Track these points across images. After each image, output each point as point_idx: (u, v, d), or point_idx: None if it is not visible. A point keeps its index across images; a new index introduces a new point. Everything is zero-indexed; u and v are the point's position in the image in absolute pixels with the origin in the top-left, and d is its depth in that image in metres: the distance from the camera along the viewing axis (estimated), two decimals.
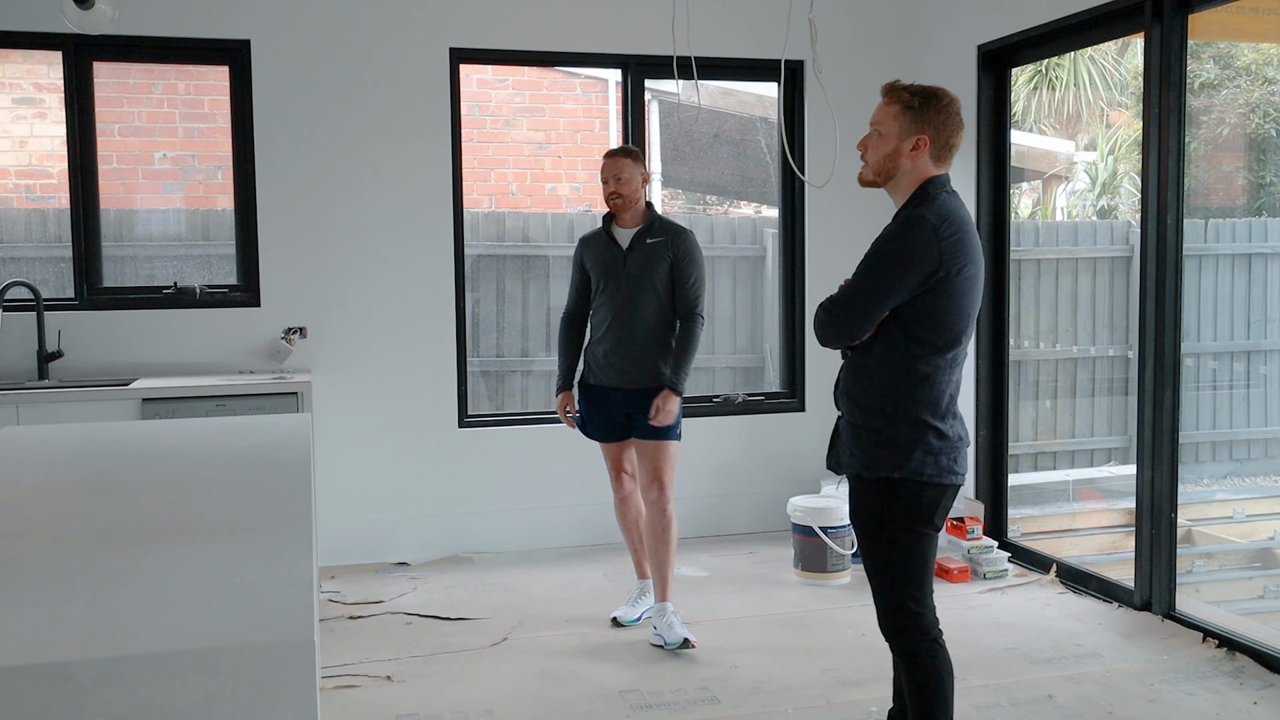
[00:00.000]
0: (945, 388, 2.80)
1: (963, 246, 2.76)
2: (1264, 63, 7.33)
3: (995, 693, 3.74)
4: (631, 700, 3.73)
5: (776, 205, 6.13)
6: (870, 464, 2.82)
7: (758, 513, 5.87)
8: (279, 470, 2.58)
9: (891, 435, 2.78)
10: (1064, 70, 7.72)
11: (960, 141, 2.89)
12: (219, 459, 2.77)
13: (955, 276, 2.74)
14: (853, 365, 2.91)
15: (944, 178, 2.87)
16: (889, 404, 2.79)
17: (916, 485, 2.78)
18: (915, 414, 2.77)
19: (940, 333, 2.76)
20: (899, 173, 2.89)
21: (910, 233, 2.76)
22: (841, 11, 5.80)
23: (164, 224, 5.71)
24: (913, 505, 2.79)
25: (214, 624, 1.49)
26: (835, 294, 2.88)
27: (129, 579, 1.72)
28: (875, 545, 2.87)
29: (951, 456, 2.80)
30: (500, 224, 6.37)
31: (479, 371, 6.20)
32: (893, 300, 2.75)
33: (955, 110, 2.88)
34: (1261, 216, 7.19)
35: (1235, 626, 4.15)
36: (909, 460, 2.77)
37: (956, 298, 2.76)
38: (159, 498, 2.35)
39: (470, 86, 6.51)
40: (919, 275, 2.72)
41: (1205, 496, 6.30)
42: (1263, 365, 6.92)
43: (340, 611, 4.67)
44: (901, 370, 2.78)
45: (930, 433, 2.77)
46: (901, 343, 2.77)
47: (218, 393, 4.72)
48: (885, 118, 2.89)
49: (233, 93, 5.23)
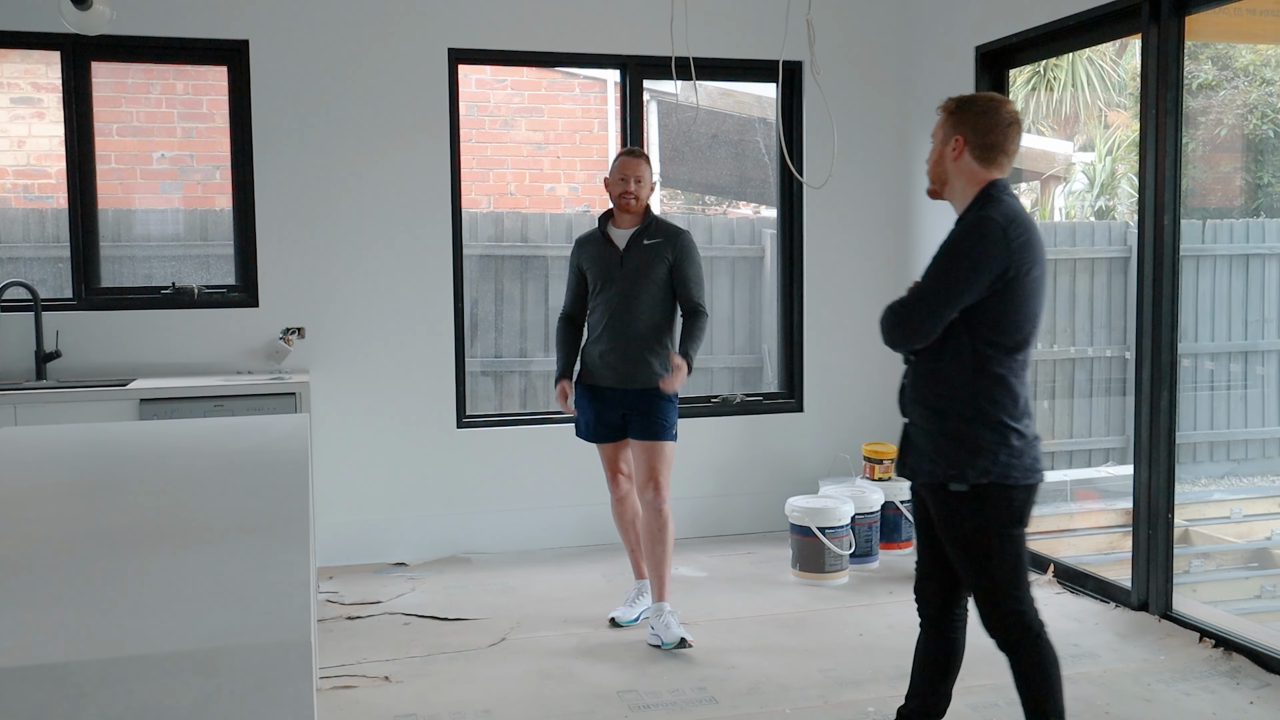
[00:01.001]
0: (1020, 389, 2.82)
1: (1030, 247, 2.77)
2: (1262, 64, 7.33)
3: (993, 692, 3.75)
4: (629, 700, 3.74)
5: (775, 206, 6.14)
6: (956, 472, 2.80)
7: (756, 513, 5.87)
8: (277, 471, 2.58)
9: (974, 439, 2.78)
10: (1062, 71, 7.72)
11: (1008, 144, 2.87)
12: (217, 459, 2.77)
13: (1024, 277, 2.76)
14: (921, 370, 2.89)
15: (1003, 182, 2.88)
16: (967, 407, 2.79)
17: (1006, 489, 2.79)
18: (996, 416, 2.77)
19: (1009, 334, 2.78)
20: (949, 177, 2.92)
21: (980, 234, 2.76)
22: (839, 13, 5.81)
23: (162, 224, 5.71)
24: (1005, 509, 2.80)
25: (211, 625, 1.50)
26: (904, 297, 2.87)
27: (127, 580, 1.72)
28: (971, 553, 2.86)
29: (1033, 455, 2.82)
30: (499, 224, 6.38)
31: (478, 372, 6.21)
32: (962, 301, 2.76)
33: (996, 111, 2.87)
34: (1259, 217, 7.20)
35: (1232, 626, 4.16)
36: (995, 464, 2.77)
37: (1025, 298, 2.77)
38: (157, 498, 2.35)
39: (469, 87, 6.52)
40: (989, 276, 2.73)
41: (1202, 497, 6.30)
42: (1260, 366, 6.93)
43: (338, 612, 4.67)
44: (975, 372, 2.78)
45: (1012, 434, 2.78)
46: (970, 345, 2.78)
47: (216, 393, 4.72)
48: (935, 128, 2.96)
49: (231, 93, 5.24)
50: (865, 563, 5.26)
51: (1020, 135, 2.90)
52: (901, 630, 4.40)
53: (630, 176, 4.28)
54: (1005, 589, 2.84)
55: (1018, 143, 2.89)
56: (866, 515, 5.26)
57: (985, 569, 2.84)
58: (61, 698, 1.34)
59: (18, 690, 1.33)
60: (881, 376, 6.04)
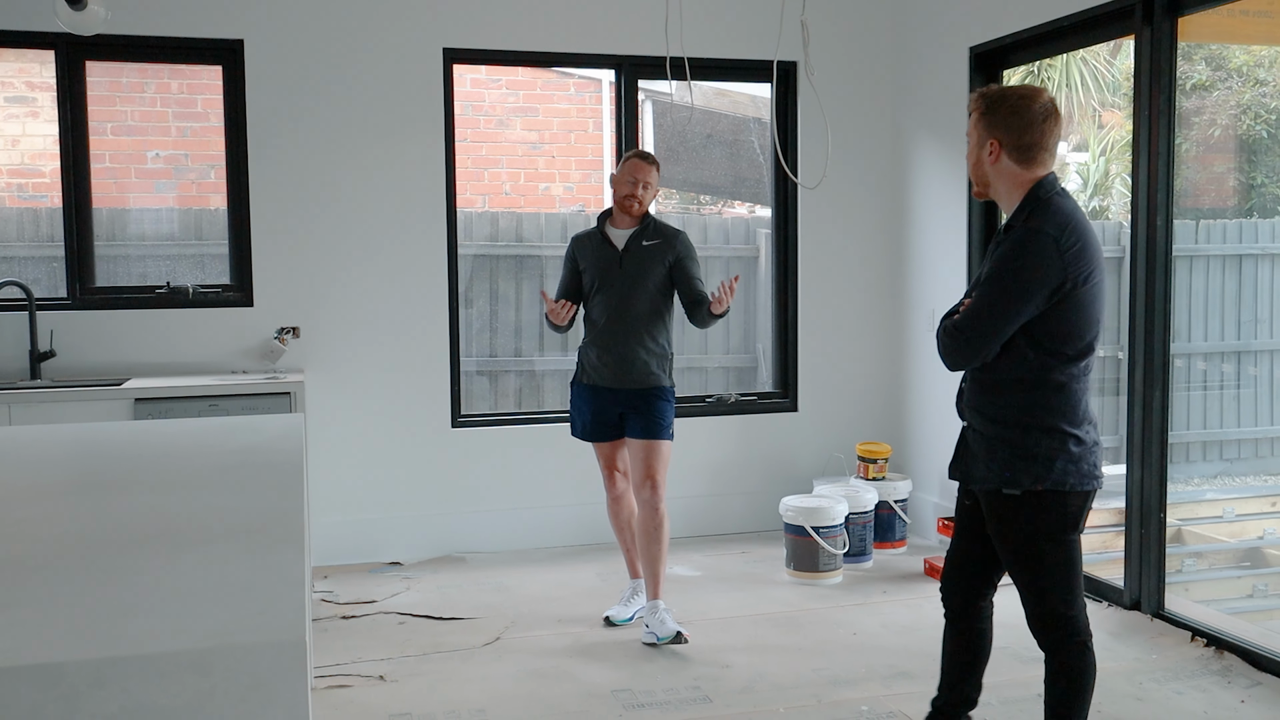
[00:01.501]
0: (1081, 395, 2.78)
1: (1085, 254, 2.70)
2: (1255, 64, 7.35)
3: (986, 691, 3.74)
4: (623, 700, 3.74)
5: (769, 205, 6.14)
6: (1011, 478, 2.78)
7: (750, 512, 5.88)
8: (271, 470, 2.58)
9: (1030, 447, 2.75)
10: (1056, 72, 7.74)
11: (1046, 140, 2.76)
12: (212, 459, 2.78)
13: (1082, 286, 2.71)
14: (979, 378, 2.86)
15: (1051, 178, 2.79)
16: (1025, 415, 2.76)
17: (1061, 495, 2.77)
18: (1053, 424, 2.74)
19: (1071, 343, 2.74)
20: (991, 180, 2.84)
21: (1032, 249, 2.68)
22: (834, 13, 5.81)
23: (157, 223, 5.70)
24: (1059, 515, 2.78)
25: (206, 624, 1.50)
26: (959, 318, 2.80)
27: (121, 579, 1.72)
28: (1024, 558, 2.84)
29: (1091, 461, 2.79)
30: (494, 224, 6.38)
31: (473, 371, 6.21)
32: (1020, 319, 2.71)
33: (1028, 108, 2.76)
34: (1252, 218, 7.21)
35: (1224, 625, 4.17)
36: (1051, 471, 2.74)
37: (1085, 306, 2.72)
38: (151, 498, 2.35)
39: (464, 86, 6.51)
40: (1045, 292, 2.68)
41: (1195, 496, 6.32)
42: (1252, 366, 6.95)
43: (333, 611, 4.67)
44: (1034, 381, 2.75)
45: (1070, 440, 2.75)
46: (1031, 355, 2.74)
47: (210, 393, 4.72)
48: (969, 128, 2.88)
49: (226, 92, 5.23)
50: (859, 562, 5.27)
51: (1059, 126, 2.79)
52: (895, 629, 4.41)
53: (639, 180, 4.29)
54: (1057, 593, 2.82)
55: (1057, 134, 2.79)
56: (860, 515, 5.28)
57: (1038, 573, 2.82)
58: (56, 698, 1.35)
59: (12, 690, 1.34)
60: (876, 376, 6.05)
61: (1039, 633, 2.88)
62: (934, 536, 5.59)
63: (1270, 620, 4.69)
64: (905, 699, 3.71)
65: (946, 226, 5.54)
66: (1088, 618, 2.88)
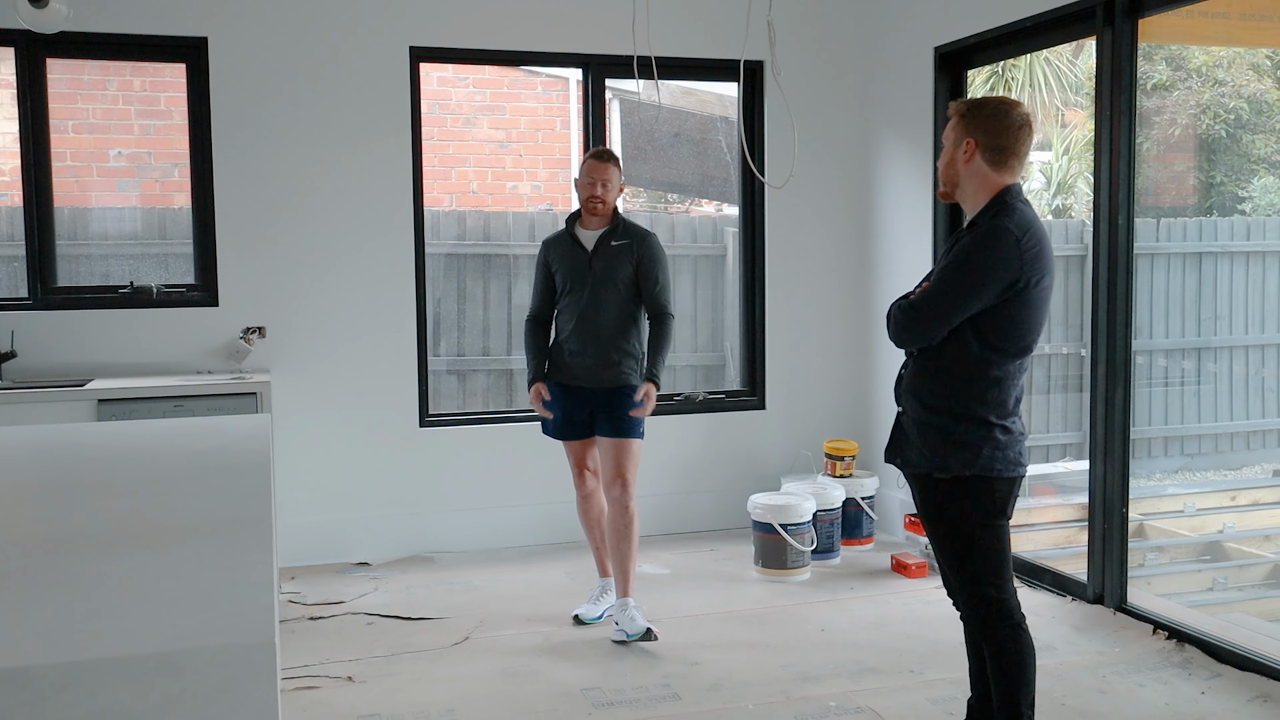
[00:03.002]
0: (1013, 390, 2.91)
1: (1042, 258, 2.84)
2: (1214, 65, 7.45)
3: (951, 685, 3.80)
4: (593, 698, 3.75)
5: (737, 204, 6.17)
6: (941, 463, 2.90)
7: (718, 510, 5.90)
8: (238, 472, 2.57)
9: (961, 434, 2.87)
10: (1020, 72, 7.81)
11: (1020, 146, 2.90)
12: (177, 460, 2.76)
13: (1034, 287, 2.83)
14: (920, 364, 2.97)
15: (1017, 187, 2.93)
16: (958, 404, 2.88)
17: (988, 481, 2.88)
18: (984, 415, 2.87)
19: (1014, 340, 2.86)
20: (961, 180, 2.96)
21: (994, 244, 2.81)
22: (800, 13, 5.84)
23: (119, 222, 5.65)
24: (986, 500, 2.90)
25: (174, 627, 1.49)
26: (914, 297, 2.93)
27: (87, 582, 1.71)
28: (954, 541, 2.96)
29: (1017, 450, 2.91)
30: (461, 222, 6.37)
31: (441, 370, 6.20)
32: (973, 308, 2.82)
33: (1008, 114, 2.90)
34: (1212, 216, 7.32)
35: (1184, 618, 4.24)
36: (978, 458, 2.86)
37: (1032, 307, 2.85)
38: (116, 500, 2.34)
39: (430, 84, 6.50)
40: (1000, 285, 2.80)
41: (1157, 491, 6.41)
42: (1212, 362, 7.05)
43: (301, 612, 4.65)
44: (972, 373, 2.87)
45: (997, 430, 2.87)
46: (974, 347, 2.85)
47: (175, 393, 4.68)
48: (946, 131, 3.00)
49: (190, 90, 5.19)
50: (827, 559, 5.31)
51: (1031, 138, 2.94)
52: (863, 626, 4.45)
53: (598, 180, 4.29)
54: (987, 578, 2.93)
55: (1029, 145, 2.93)
56: (828, 512, 5.31)
57: (968, 558, 2.93)
58: (22, 702, 1.34)
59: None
60: (842, 374, 6.09)
61: (973, 619, 2.98)
62: (900, 533, 5.63)
63: (1229, 613, 4.76)
64: (873, 694, 3.74)
65: (912, 226, 5.58)
66: (1019, 601, 2.98)
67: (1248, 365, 7.08)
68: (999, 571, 2.93)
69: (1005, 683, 2.94)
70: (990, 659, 2.97)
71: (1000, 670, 2.94)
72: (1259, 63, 7.35)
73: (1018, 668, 2.93)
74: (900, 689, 3.79)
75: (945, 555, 2.99)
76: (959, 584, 2.99)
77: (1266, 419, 7.13)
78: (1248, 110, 7.33)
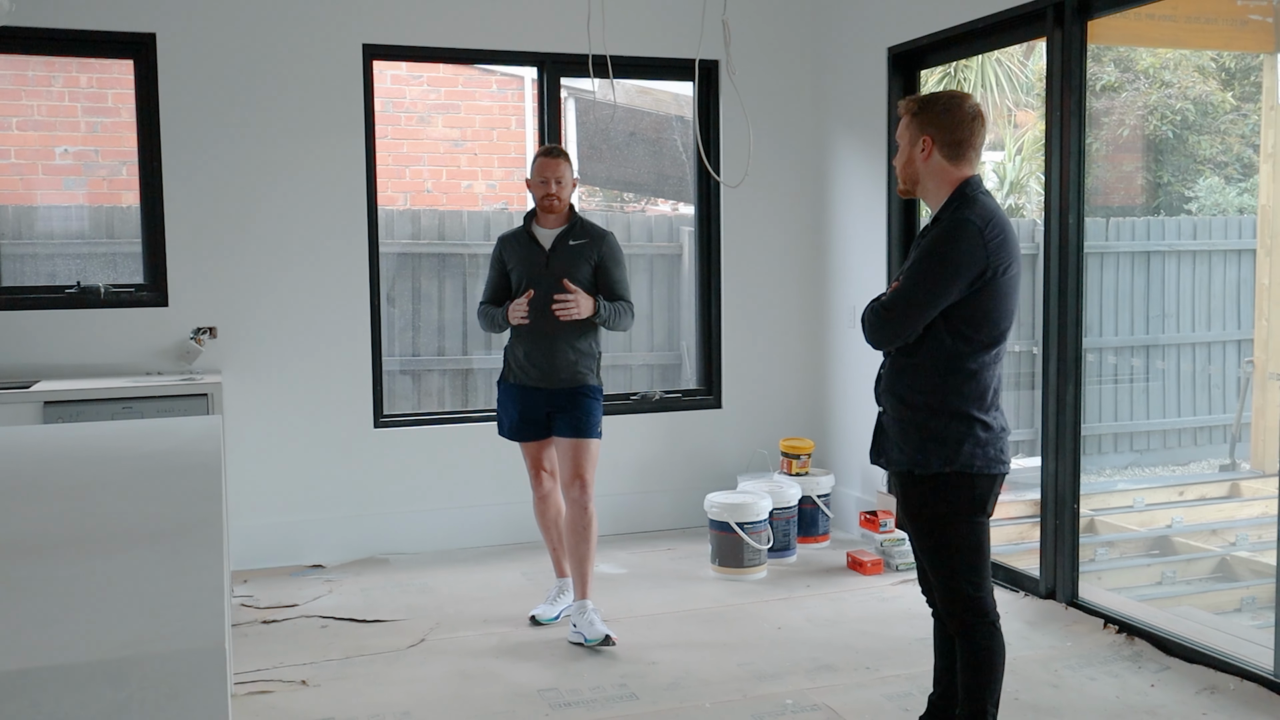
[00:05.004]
0: (990, 382, 2.92)
1: (1006, 247, 2.86)
2: (1161, 66, 7.57)
3: (907, 682, 3.82)
4: (550, 699, 3.74)
5: (693, 203, 6.18)
6: (922, 460, 2.91)
7: (675, 509, 5.91)
8: (189, 474, 2.54)
9: (940, 430, 2.88)
10: (972, 72, 7.89)
11: (974, 138, 2.94)
12: (126, 463, 2.72)
13: (1001, 276, 2.85)
14: (898, 363, 2.98)
15: (977, 179, 2.96)
16: (936, 400, 2.89)
17: (969, 478, 2.89)
18: (963, 409, 2.88)
19: (986, 330, 2.87)
20: (921, 177, 2.98)
21: (960, 236, 2.84)
22: (755, 13, 5.86)
23: (66, 221, 5.55)
24: (966, 497, 2.91)
25: (121, 634, 1.47)
26: (885, 298, 2.94)
27: (32, 589, 1.68)
28: (932, 538, 2.96)
29: (998, 447, 2.92)
30: (416, 221, 6.33)
31: (396, 370, 6.15)
32: (943, 302, 2.84)
33: (959, 107, 2.93)
34: (1159, 215, 7.44)
35: (1134, 612, 4.30)
36: (959, 454, 2.87)
37: (1002, 296, 2.87)
38: (64, 504, 2.29)
39: (384, 83, 6.45)
40: (968, 277, 2.82)
41: (1107, 487, 6.50)
42: (1160, 360, 7.17)
43: (253, 616, 4.60)
44: (948, 367, 2.88)
45: (977, 425, 2.88)
46: (948, 341, 2.87)
47: (124, 395, 4.61)
48: (899, 130, 3.02)
49: (138, 87, 5.10)
50: (783, 557, 5.33)
51: (984, 128, 2.97)
52: (819, 623, 4.47)
53: (551, 178, 4.27)
54: (965, 575, 2.94)
55: (983, 135, 2.96)
56: (784, 510, 5.33)
57: (946, 555, 2.95)
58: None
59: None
60: (798, 373, 6.12)
61: (949, 615, 2.99)
62: (856, 530, 5.67)
63: (1178, 606, 4.84)
64: (829, 691, 3.76)
65: (867, 224, 5.62)
66: (995, 600, 3.00)
67: (1195, 362, 7.21)
68: (977, 569, 2.95)
69: (975, 680, 2.95)
70: (962, 656, 2.98)
71: (971, 667, 2.96)
72: (1204, 64, 7.48)
73: (988, 666, 2.95)
74: (857, 686, 3.82)
75: (924, 551, 3.01)
76: (936, 581, 3.00)
77: (1213, 415, 7.25)
78: (1194, 111, 7.46)
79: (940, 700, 3.20)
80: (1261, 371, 6.30)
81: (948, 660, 3.17)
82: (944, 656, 3.19)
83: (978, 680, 2.95)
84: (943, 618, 3.07)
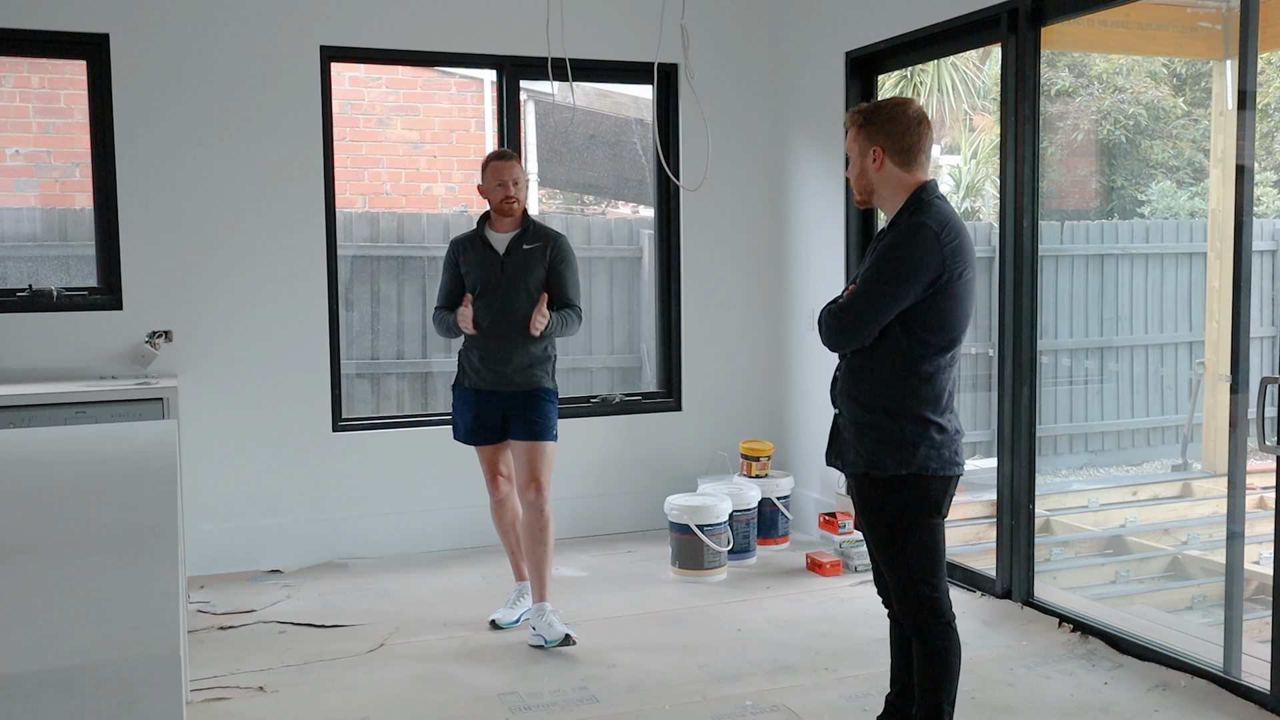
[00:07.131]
0: (945, 385, 2.95)
1: (962, 251, 2.89)
2: (1114, 72, 7.69)
3: (866, 682, 3.85)
4: (510, 702, 3.73)
5: (652, 206, 6.19)
6: (878, 462, 2.94)
7: (635, 512, 5.91)
8: (143, 479, 2.51)
9: (896, 433, 2.91)
10: (928, 76, 7.97)
11: (923, 142, 2.97)
12: (79, 469, 2.68)
13: (957, 280, 2.88)
14: (854, 365, 3.01)
15: (932, 184, 2.98)
16: (892, 402, 2.92)
17: (924, 480, 2.92)
18: (919, 411, 2.91)
19: (942, 333, 2.90)
20: (875, 186, 3.01)
21: (916, 240, 2.86)
22: (713, 17, 5.88)
23: (17, 223, 5.47)
24: (921, 499, 2.94)
25: (74, 641, 1.45)
26: (842, 300, 2.96)
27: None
28: (889, 539, 2.99)
29: (953, 449, 2.96)
30: (374, 224, 6.29)
31: (354, 374, 6.11)
32: (900, 305, 2.87)
33: (904, 113, 2.96)
34: (1113, 219, 7.55)
35: (1088, 611, 4.36)
36: (915, 456, 2.90)
37: (957, 300, 2.90)
38: (14, 510, 2.26)
39: (342, 84, 6.41)
40: (924, 281, 2.85)
41: (1062, 487, 6.58)
42: (1114, 361, 7.27)
43: (210, 622, 4.55)
44: (904, 370, 2.91)
45: (932, 428, 2.91)
46: (904, 344, 2.90)
47: (77, 399, 4.54)
48: (848, 143, 3.05)
49: (91, 88, 5.03)
50: (743, 559, 5.35)
51: (930, 131, 3.00)
52: (779, 624, 4.49)
53: (508, 180, 4.27)
54: (921, 576, 2.97)
55: (930, 138, 3.00)
56: (744, 512, 5.35)
57: (902, 556, 2.98)
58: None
59: None
60: (758, 375, 6.15)
61: (905, 615, 3.03)
62: (815, 532, 5.70)
63: (1131, 605, 4.92)
64: (788, 692, 3.78)
65: (826, 227, 5.66)
66: (951, 600, 3.04)
67: (1148, 364, 7.32)
68: (933, 570, 2.98)
69: (930, 680, 2.99)
70: (918, 656, 3.01)
71: (927, 667, 2.99)
72: (1156, 70, 7.60)
73: (944, 666, 2.98)
74: (816, 687, 3.84)
75: (880, 552, 3.04)
76: (893, 582, 3.03)
77: (1165, 416, 7.37)
78: (1146, 116, 7.58)
79: (897, 700, 3.23)
80: (1212, 373, 6.42)
81: (904, 660, 3.20)
82: (900, 656, 3.22)
83: (934, 680, 2.99)
84: (899, 618, 3.10)
